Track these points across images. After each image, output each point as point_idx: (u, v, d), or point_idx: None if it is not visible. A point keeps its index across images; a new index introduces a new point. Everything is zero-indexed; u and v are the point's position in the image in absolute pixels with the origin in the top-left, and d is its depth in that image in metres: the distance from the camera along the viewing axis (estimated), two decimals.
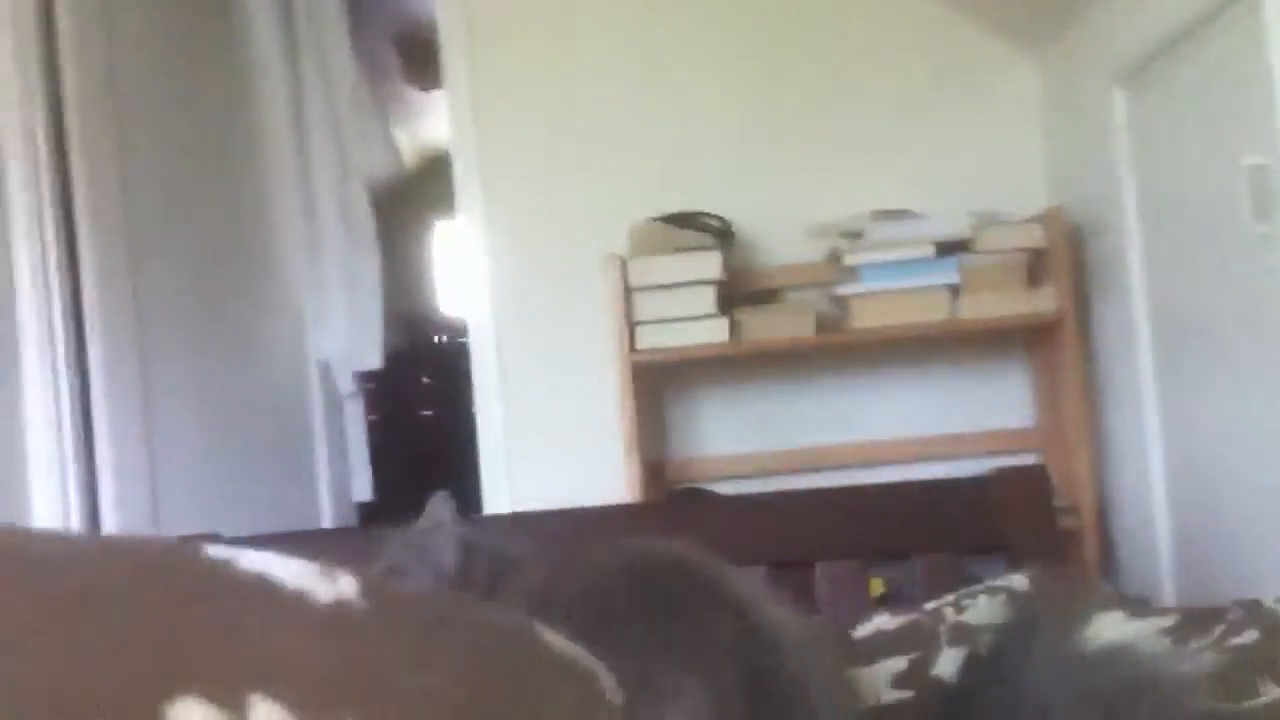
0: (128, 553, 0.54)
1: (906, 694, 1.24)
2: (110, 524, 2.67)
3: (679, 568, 0.96)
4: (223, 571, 0.53)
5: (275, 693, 0.44)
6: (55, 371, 2.60)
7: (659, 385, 3.00)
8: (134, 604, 0.47)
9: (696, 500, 2.69)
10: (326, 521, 3.77)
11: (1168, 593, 2.38)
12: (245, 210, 3.62)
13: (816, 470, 2.90)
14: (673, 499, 2.78)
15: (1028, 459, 2.90)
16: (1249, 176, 1.89)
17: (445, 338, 6.03)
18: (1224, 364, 2.11)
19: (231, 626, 0.48)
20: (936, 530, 1.62)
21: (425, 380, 5.65)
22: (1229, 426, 2.12)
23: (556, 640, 0.67)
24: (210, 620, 0.47)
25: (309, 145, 3.89)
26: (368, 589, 0.57)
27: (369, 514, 4.12)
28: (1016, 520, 1.60)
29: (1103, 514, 2.69)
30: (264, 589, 0.53)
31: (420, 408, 5.57)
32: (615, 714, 0.66)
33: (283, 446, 3.68)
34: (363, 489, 4.12)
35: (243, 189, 3.62)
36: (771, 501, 1.82)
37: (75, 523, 2.58)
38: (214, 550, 0.56)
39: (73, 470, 2.60)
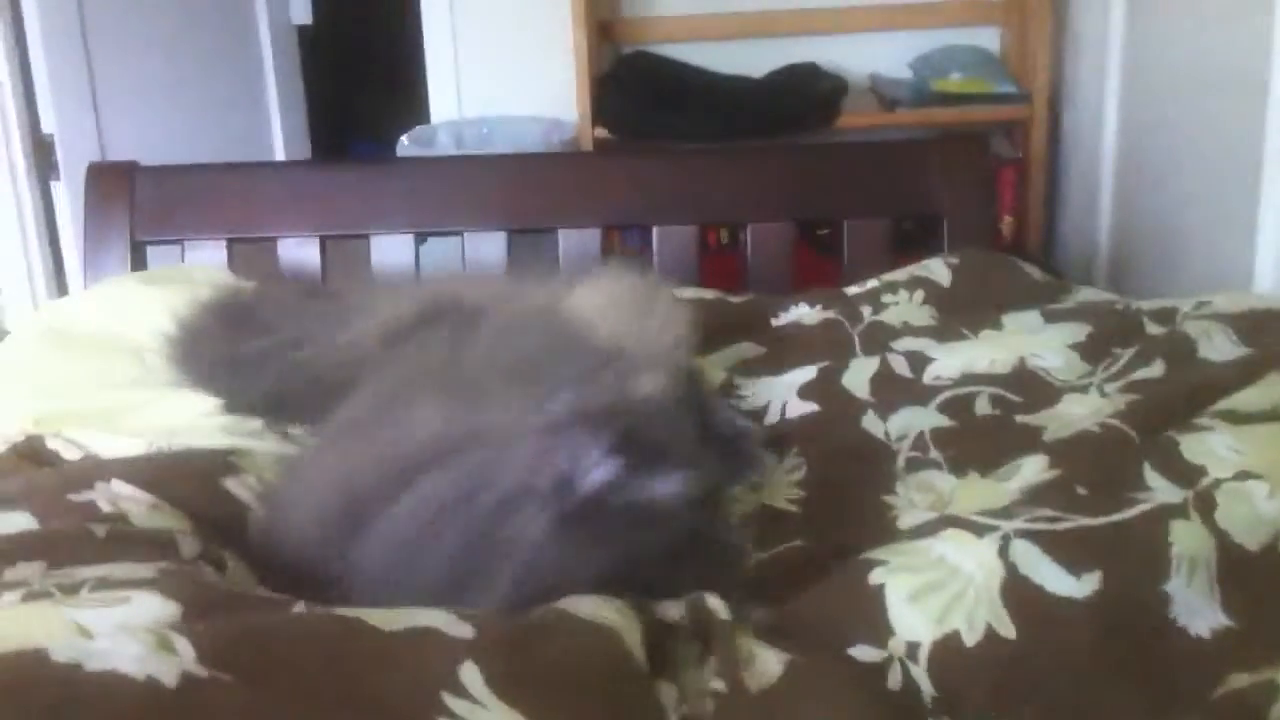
0: None
1: (812, 406, 1.28)
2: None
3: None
4: (68, 690, 0.55)
5: None
6: None
7: None
8: None
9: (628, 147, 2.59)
10: (267, 58, 3.61)
11: (1105, 208, 2.41)
12: None
13: (772, 35, 2.79)
14: (619, 62, 2.69)
15: (990, 32, 2.82)
16: None
17: None
18: None
19: None
20: (870, 193, 1.59)
21: None
22: (1190, 32, 2.04)
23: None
24: None
25: None
26: (207, 651, 0.59)
27: (312, 41, 3.95)
28: (952, 188, 1.58)
29: (1056, 102, 2.64)
30: (110, 697, 0.55)
31: None
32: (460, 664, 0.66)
33: None
34: (301, 12, 3.90)
35: None
36: (701, 160, 1.74)
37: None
38: (63, 653, 0.57)
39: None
